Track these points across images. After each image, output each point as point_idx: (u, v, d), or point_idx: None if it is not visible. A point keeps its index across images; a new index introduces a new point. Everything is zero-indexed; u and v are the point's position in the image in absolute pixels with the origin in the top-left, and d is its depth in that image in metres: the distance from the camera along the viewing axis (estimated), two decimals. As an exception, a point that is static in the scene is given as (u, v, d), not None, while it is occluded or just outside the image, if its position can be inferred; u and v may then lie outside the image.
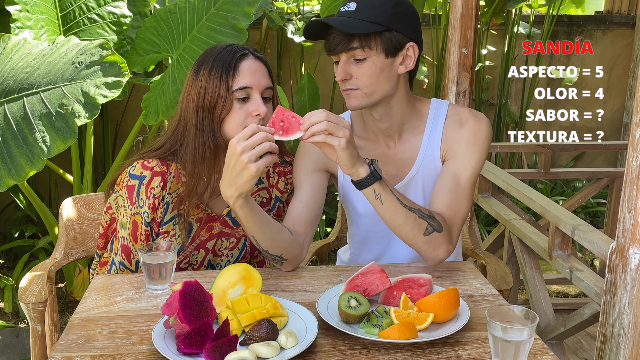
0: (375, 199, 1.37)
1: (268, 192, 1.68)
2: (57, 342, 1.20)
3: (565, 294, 3.50)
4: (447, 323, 1.24)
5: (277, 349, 1.13)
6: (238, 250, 1.63)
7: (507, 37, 4.36)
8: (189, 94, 1.50)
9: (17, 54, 2.35)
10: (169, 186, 1.52)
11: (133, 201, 1.51)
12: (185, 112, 1.51)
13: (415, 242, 1.44)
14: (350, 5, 1.46)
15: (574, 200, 3.24)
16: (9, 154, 2.14)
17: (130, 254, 1.56)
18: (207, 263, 1.61)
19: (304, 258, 1.55)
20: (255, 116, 1.46)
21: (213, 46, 1.54)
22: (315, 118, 1.28)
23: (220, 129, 1.49)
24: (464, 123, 1.57)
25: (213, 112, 1.47)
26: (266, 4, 3.69)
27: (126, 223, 1.54)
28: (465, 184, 1.52)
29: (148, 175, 1.50)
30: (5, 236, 3.82)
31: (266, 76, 1.51)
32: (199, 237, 1.58)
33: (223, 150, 1.48)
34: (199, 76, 1.48)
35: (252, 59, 1.50)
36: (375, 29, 1.43)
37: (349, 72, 1.47)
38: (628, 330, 1.52)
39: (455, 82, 2.44)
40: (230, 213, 1.61)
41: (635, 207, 1.47)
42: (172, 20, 2.80)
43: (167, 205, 1.53)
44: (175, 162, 1.52)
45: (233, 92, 1.46)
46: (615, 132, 4.80)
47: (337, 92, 4.23)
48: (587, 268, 2.12)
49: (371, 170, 1.34)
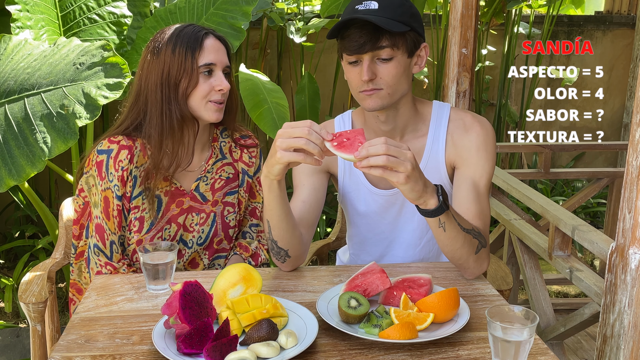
0: (439, 227, 1.34)
1: (233, 167, 1.73)
2: (57, 342, 1.21)
3: (565, 294, 3.50)
4: (447, 323, 1.24)
5: (277, 349, 1.13)
6: (208, 226, 1.67)
7: (507, 37, 4.36)
8: (149, 71, 1.57)
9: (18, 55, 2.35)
10: (136, 160, 1.58)
11: (103, 176, 1.57)
12: (145, 88, 1.57)
13: (467, 261, 1.42)
14: (370, 4, 1.42)
15: (574, 200, 3.24)
16: (10, 154, 2.14)
17: (103, 234, 1.60)
18: (179, 238, 1.64)
19: (304, 259, 1.55)
20: (218, 90, 1.57)
21: (168, 26, 1.62)
22: (374, 150, 1.19)
23: (187, 101, 1.56)
24: (469, 129, 1.56)
25: (178, 87, 1.55)
26: (266, 4, 3.69)
27: (98, 201, 1.59)
28: (484, 192, 1.52)
29: (115, 148, 1.57)
30: (6, 236, 3.82)
31: (226, 55, 1.61)
32: (170, 211, 1.63)
33: (188, 122, 1.58)
34: (161, 54, 1.55)
35: (214, 38, 1.60)
36: (404, 29, 1.42)
37: (374, 71, 1.44)
38: (628, 330, 1.52)
39: (455, 82, 2.44)
40: (199, 188, 1.66)
41: (635, 207, 1.47)
42: (172, 20, 2.81)
43: (135, 179, 1.59)
44: (140, 137, 1.60)
45: (199, 67, 1.55)
46: (615, 132, 4.80)
47: (338, 92, 4.23)
48: (587, 268, 2.12)
49: (440, 202, 1.28)
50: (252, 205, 1.79)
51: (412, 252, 1.66)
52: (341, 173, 1.63)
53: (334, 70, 4.17)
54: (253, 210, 1.79)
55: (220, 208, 1.68)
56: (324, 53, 4.13)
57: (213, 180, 1.68)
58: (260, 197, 1.78)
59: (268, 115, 2.73)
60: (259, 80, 2.92)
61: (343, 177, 1.64)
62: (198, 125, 1.61)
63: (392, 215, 1.63)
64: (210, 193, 1.67)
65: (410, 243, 1.66)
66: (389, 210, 1.62)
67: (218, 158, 1.70)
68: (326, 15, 3.73)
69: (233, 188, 1.71)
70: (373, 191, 1.60)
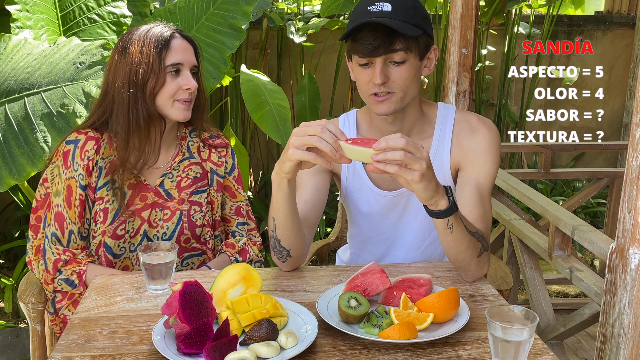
0: (447, 228, 1.33)
1: (201, 166, 1.73)
2: (57, 342, 1.21)
3: (565, 294, 3.50)
4: (447, 323, 1.24)
5: (277, 349, 1.13)
6: (174, 224, 1.67)
7: (507, 37, 4.36)
8: (116, 70, 1.60)
9: (18, 54, 2.35)
10: (102, 151, 1.62)
11: (68, 165, 1.60)
12: (112, 86, 1.60)
13: (469, 264, 1.42)
14: (383, 6, 1.39)
15: (574, 200, 3.24)
16: (10, 153, 2.14)
17: (63, 223, 1.61)
18: (143, 233, 1.65)
19: (305, 260, 1.55)
20: (185, 89, 1.59)
21: (137, 26, 1.65)
22: (392, 143, 1.17)
23: (154, 100, 1.59)
24: (475, 131, 1.56)
25: (145, 86, 1.57)
26: (266, 4, 3.69)
27: (61, 189, 1.61)
28: (487, 194, 1.52)
29: (82, 138, 1.61)
30: (5, 236, 3.82)
31: (193, 55, 1.64)
32: (134, 204, 1.64)
33: (155, 120, 1.61)
34: (128, 53, 1.58)
35: (181, 38, 1.63)
36: (418, 32, 1.41)
37: (387, 74, 1.42)
38: (628, 330, 1.52)
39: (455, 82, 2.44)
40: (164, 184, 1.68)
41: (635, 207, 1.47)
42: (172, 20, 2.81)
43: (101, 169, 1.61)
44: (107, 132, 1.63)
45: (166, 67, 1.57)
46: (615, 132, 4.80)
47: (338, 92, 4.23)
48: (587, 268, 2.12)
49: (450, 203, 1.28)
50: (236, 204, 1.78)
51: (414, 254, 1.66)
52: (344, 173, 1.63)
53: (334, 70, 4.17)
54: (237, 209, 1.78)
55: (186, 207, 1.68)
56: (324, 53, 4.13)
57: (179, 178, 1.69)
58: (242, 196, 1.79)
59: (270, 117, 2.73)
60: (260, 81, 2.92)
61: (346, 177, 1.63)
62: (165, 123, 1.64)
63: (395, 216, 1.63)
64: (175, 191, 1.68)
65: (412, 245, 1.65)
66: (392, 211, 1.62)
67: (185, 156, 1.71)
68: (326, 15, 3.73)
69: (200, 187, 1.71)
70: (376, 192, 1.60)
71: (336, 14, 3.90)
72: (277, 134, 2.71)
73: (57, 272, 1.59)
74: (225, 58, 2.71)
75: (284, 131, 2.72)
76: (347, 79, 4.22)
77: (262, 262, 1.78)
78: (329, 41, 4.18)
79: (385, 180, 1.60)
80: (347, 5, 3.63)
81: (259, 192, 4.32)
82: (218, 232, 1.75)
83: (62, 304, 1.61)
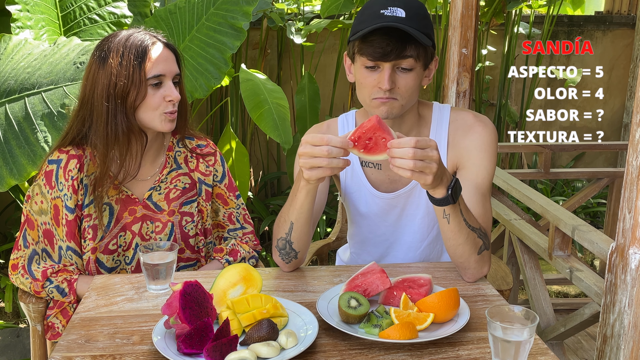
0: (443, 217, 1.35)
1: (189, 177, 1.69)
2: (57, 342, 1.21)
3: (565, 294, 3.50)
4: (447, 323, 1.24)
5: (277, 349, 1.13)
6: (166, 235, 1.65)
7: (507, 37, 4.36)
8: (95, 81, 1.52)
9: (18, 54, 2.35)
10: (86, 168, 1.57)
11: (52, 185, 1.56)
12: (90, 97, 1.53)
13: (468, 261, 1.42)
14: (397, 11, 1.38)
15: (574, 200, 3.24)
16: (11, 153, 2.14)
17: (53, 239, 1.58)
18: (135, 246, 1.63)
19: (305, 260, 1.56)
20: (168, 101, 1.53)
21: (115, 32, 1.58)
22: (402, 152, 1.19)
23: (135, 113, 1.52)
24: (470, 129, 1.55)
25: (126, 99, 1.50)
26: (266, 4, 3.69)
27: (47, 208, 1.58)
28: (486, 192, 1.52)
29: (65, 158, 1.56)
30: (6, 236, 3.82)
31: (175, 63, 1.57)
32: (123, 218, 1.61)
33: (136, 134, 1.54)
34: (107, 64, 1.50)
35: (162, 46, 1.55)
36: (429, 42, 1.41)
37: (394, 80, 1.42)
38: (628, 330, 1.52)
39: (455, 82, 2.44)
40: (152, 197, 1.64)
41: (635, 207, 1.47)
42: (172, 20, 2.81)
43: (86, 187, 1.57)
44: (88, 146, 1.57)
45: (147, 80, 1.50)
46: (615, 132, 4.80)
47: (338, 92, 4.23)
48: (587, 268, 2.12)
49: (447, 195, 1.29)
50: (229, 211, 1.75)
51: (413, 255, 1.66)
52: (343, 174, 1.63)
53: (334, 70, 4.17)
54: (230, 216, 1.75)
55: (177, 218, 1.65)
56: (324, 53, 4.13)
57: (167, 190, 1.65)
58: (234, 203, 1.75)
59: (269, 116, 2.73)
60: (259, 80, 2.92)
61: (345, 178, 1.64)
62: (146, 137, 1.58)
63: (393, 218, 1.63)
64: (165, 203, 1.65)
65: (411, 245, 1.66)
66: (390, 213, 1.62)
67: (173, 168, 1.67)
68: (326, 16, 3.73)
69: (190, 198, 1.68)
70: (374, 194, 1.60)
71: (336, 15, 3.90)
72: (276, 133, 2.71)
73: (46, 279, 1.56)
74: (226, 58, 2.71)
75: (283, 130, 2.72)
76: (347, 80, 4.22)
77: (256, 257, 1.75)
78: (329, 41, 4.18)
79: (383, 182, 1.60)
80: (347, 6, 3.63)
81: (259, 192, 4.32)
82: (210, 239, 1.73)
83: (52, 312, 1.60)
